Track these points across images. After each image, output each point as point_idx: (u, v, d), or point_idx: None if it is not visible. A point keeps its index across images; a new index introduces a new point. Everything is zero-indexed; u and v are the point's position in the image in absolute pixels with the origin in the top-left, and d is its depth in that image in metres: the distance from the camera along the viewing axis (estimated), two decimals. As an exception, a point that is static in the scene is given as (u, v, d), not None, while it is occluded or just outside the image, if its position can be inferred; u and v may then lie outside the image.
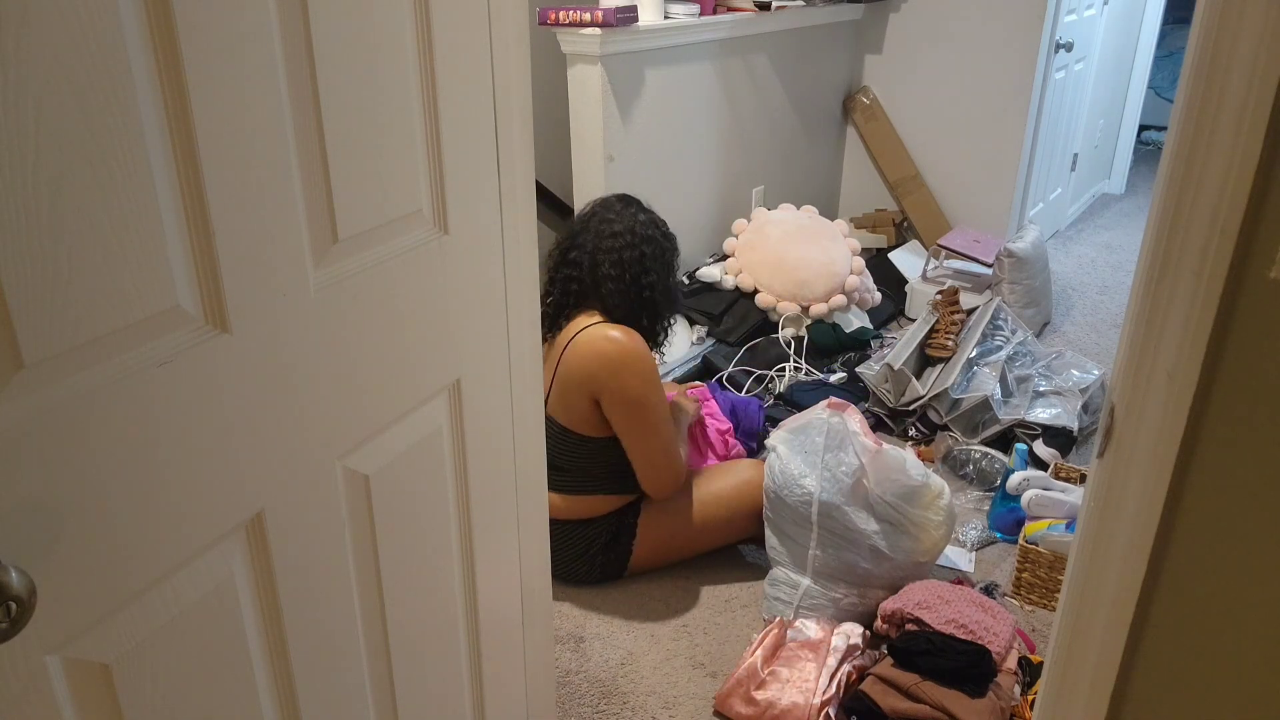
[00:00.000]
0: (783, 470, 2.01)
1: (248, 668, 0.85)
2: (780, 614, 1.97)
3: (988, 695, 1.64)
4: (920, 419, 2.76)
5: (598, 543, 2.09)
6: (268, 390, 0.81)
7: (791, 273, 3.22)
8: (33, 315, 0.62)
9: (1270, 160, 0.70)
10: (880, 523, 1.93)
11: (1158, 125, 6.56)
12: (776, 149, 3.82)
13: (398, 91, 0.91)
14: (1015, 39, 3.76)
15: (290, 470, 0.86)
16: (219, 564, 0.80)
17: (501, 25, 1.05)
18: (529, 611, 1.33)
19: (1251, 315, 0.75)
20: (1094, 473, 0.99)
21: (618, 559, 2.11)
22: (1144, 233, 0.90)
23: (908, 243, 4.11)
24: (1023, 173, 3.98)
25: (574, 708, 1.80)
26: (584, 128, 2.86)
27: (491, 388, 1.15)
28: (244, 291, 0.77)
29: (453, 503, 1.12)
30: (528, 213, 1.16)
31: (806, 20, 3.68)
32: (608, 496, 2.08)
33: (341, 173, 0.86)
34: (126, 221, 0.67)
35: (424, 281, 1.00)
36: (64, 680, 0.68)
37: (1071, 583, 1.02)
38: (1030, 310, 3.47)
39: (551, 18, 2.70)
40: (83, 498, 0.67)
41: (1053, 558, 2.05)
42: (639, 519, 2.11)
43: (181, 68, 0.69)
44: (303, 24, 0.79)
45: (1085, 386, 2.82)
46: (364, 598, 0.99)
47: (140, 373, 0.70)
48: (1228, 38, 0.73)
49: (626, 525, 2.10)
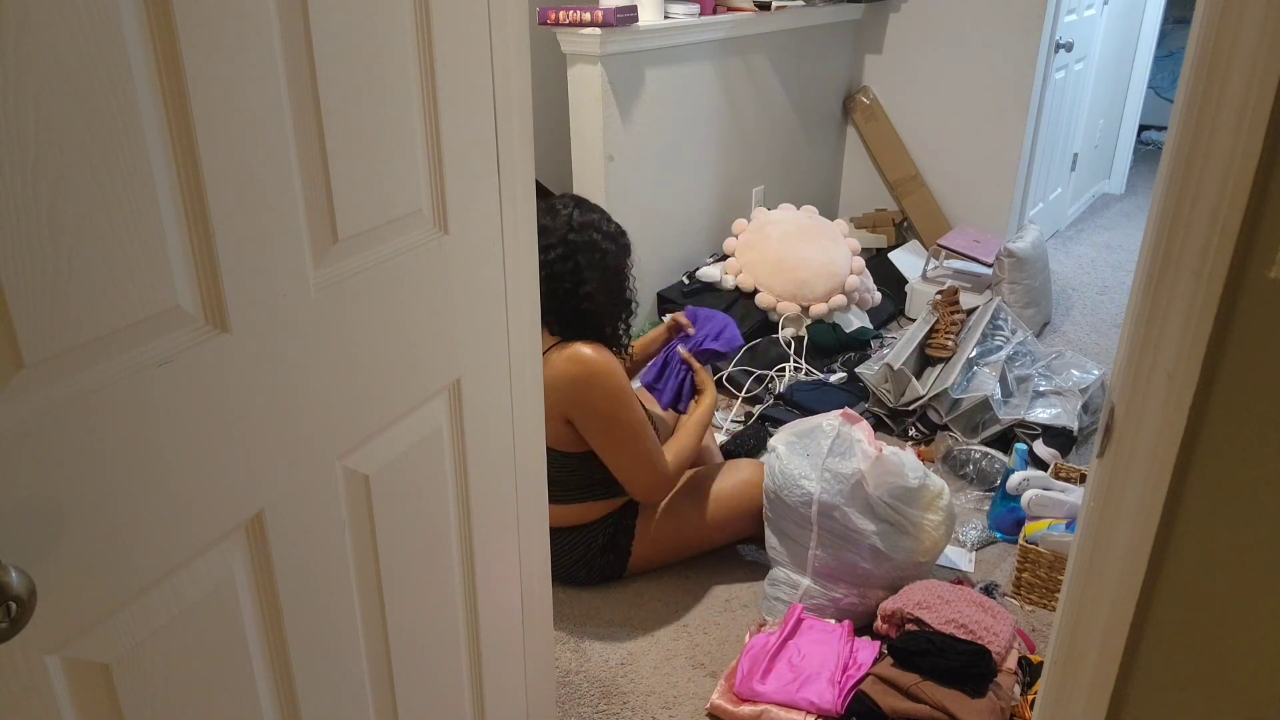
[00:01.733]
0: (783, 471, 2.01)
1: (248, 668, 0.85)
2: (780, 614, 1.97)
3: (988, 695, 1.64)
4: (920, 419, 2.76)
5: (595, 545, 2.09)
6: (268, 390, 0.81)
7: (791, 273, 3.22)
8: (33, 315, 0.62)
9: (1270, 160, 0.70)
10: (880, 523, 1.93)
11: (1158, 125, 6.56)
12: (776, 149, 3.82)
13: (398, 91, 0.91)
14: (1015, 39, 3.76)
15: (290, 470, 0.86)
16: (219, 564, 0.80)
17: (501, 25, 1.05)
18: (529, 611, 1.33)
19: (1251, 315, 0.75)
20: (1094, 473, 0.99)
21: (617, 560, 2.11)
22: (1144, 233, 0.90)
23: (908, 243, 4.11)
24: (1023, 173, 3.98)
25: (574, 708, 1.80)
26: (584, 128, 2.86)
27: (491, 388, 1.16)
28: (244, 291, 0.77)
29: (453, 503, 1.12)
30: (528, 213, 1.17)
31: (806, 20, 3.68)
32: (597, 503, 2.07)
33: (341, 173, 0.86)
34: (126, 221, 0.67)
35: (424, 281, 1.00)
36: (64, 680, 0.68)
37: (1071, 583, 1.02)
38: (1030, 310, 3.47)
39: (551, 18, 2.70)
40: (83, 498, 0.67)
41: (1053, 558, 2.05)
42: (636, 520, 2.10)
43: (181, 68, 0.69)
44: (303, 24, 0.79)
45: (1085, 386, 2.82)
46: (364, 598, 0.99)
47: (140, 373, 0.70)
48: (1228, 38, 0.73)
49: (624, 527, 2.10)
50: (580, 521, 2.08)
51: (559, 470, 2.01)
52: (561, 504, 2.05)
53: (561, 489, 2.04)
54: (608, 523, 2.09)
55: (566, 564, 2.09)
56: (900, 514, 1.93)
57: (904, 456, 1.97)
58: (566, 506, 2.06)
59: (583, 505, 2.06)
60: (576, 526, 2.08)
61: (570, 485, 2.04)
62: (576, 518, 2.08)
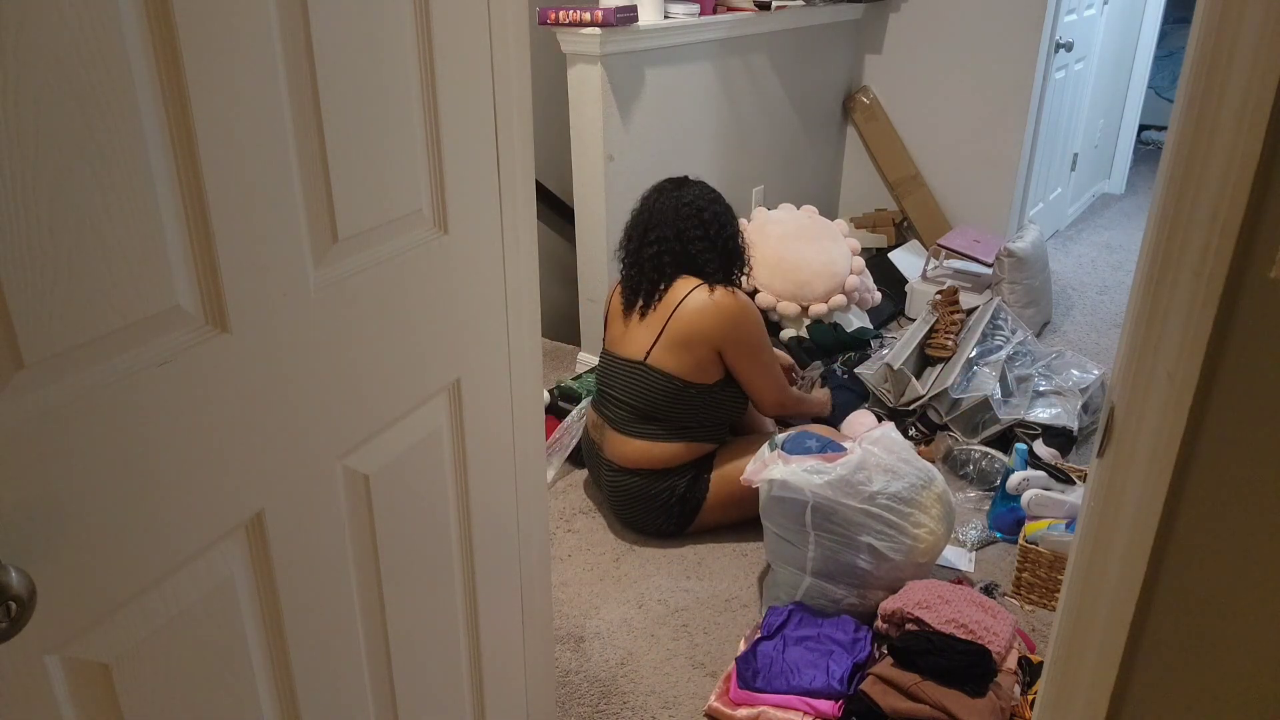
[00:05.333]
0: (782, 470, 2.01)
1: (248, 668, 0.85)
2: (781, 615, 1.96)
3: (988, 695, 1.64)
4: (920, 419, 2.76)
5: (675, 494, 2.28)
6: (268, 390, 0.81)
7: (791, 273, 3.22)
8: (33, 315, 0.62)
9: (1270, 160, 0.70)
10: (879, 523, 1.93)
11: (1158, 125, 6.56)
12: (776, 149, 3.82)
13: (398, 91, 0.91)
14: (1015, 39, 3.76)
15: (290, 470, 0.86)
16: (219, 564, 0.80)
17: (501, 25, 1.05)
18: (529, 611, 1.33)
19: (1251, 315, 0.75)
20: (1094, 473, 0.99)
21: (689, 511, 2.31)
22: (1144, 233, 0.90)
23: (908, 243, 4.11)
24: (1023, 172, 3.98)
25: (574, 708, 1.80)
26: (584, 128, 2.86)
27: (491, 387, 1.16)
28: (244, 291, 0.77)
29: (452, 502, 1.12)
30: (528, 213, 1.16)
31: (806, 20, 3.68)
32: (691, 444, 2.29)
33: (341, 173, 0.86)
34: (126, 222, 0.67)
35: (424, 281, 1.00)
36: (64, 680, 0.68)
37: (1071, 583, 1.02)
38: (1030, 310, 3.47)
39: (551, 18, 2.70)
40: (83, 498, 0.67)
41: (1053, 558, 2.05)
42: (712, 474, 2.31)
43: (181, 68, 0.69)
44: (303, 24, 0.79)
45: (1085, 386, 2.82)
46: (364, 597, 0.99)
47: (140, 373, 0.70)
48: (1228, 38, 0.73)
49: (701, 480, 2.30)
50: (671, 464, 2.28)
51: (672, 403, 2.26)
52: (659, 440, 2.28)
53: (663, 426, 2.28)
54: (689, 470, 2.30)
55: (648, 510, 2.30)
56: (900, 514, 1.93)
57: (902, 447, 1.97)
58: (667, 445, 2.28)
59: (681, 444, 2.28)
60: (664, 470, 2.28)
61: (681, 421, 2.28)
62: (670, 458, 2.28)
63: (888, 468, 1.94)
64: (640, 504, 2.31)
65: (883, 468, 1.94)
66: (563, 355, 3.36)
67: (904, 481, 1.93)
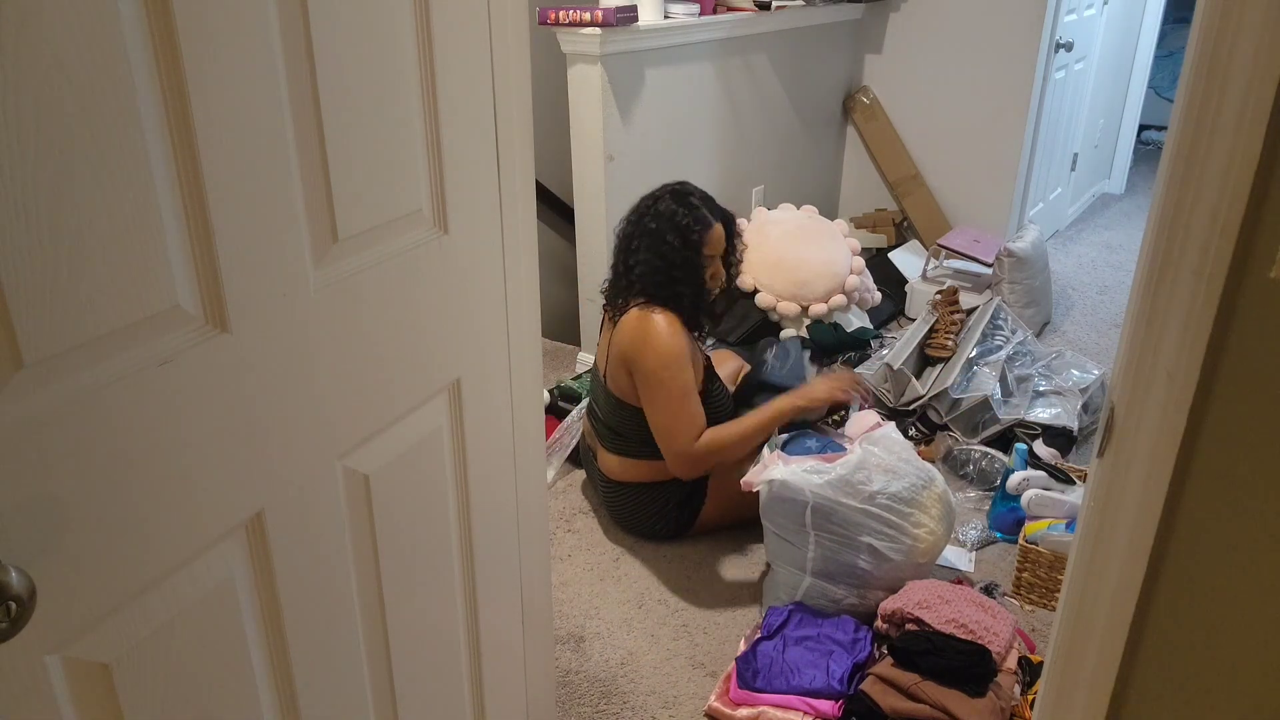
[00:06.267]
0: (781, 471, 2.01)
1: (248, 668, 0.85)
2: (781, 615, 1.96)
3: (988, 695, 1.64)
4: (920, 419, 2.76)
5: (672, 501, 2.24)
6: (267, 390, 0.81)
7: (791, 273, 3.22)
8: (33, 315, 0.62)
9: (1270, 160, 0.70)
10: (879, 523, 1.93)
11: (1158, 125, 6.56)
12: (776, 149, 3.82)
13: (398, 91, 0.91)
14: (1015, 39, 3.75)
15: (290, 470, 0.86)
16: (219, 564, 0.80)
17: (501, 25, 1.05)
18: (529, 611, 1.33)
19: (1251, 315, 0.75)
20: (1094, 473, 0.99)
21: (687, 517, 2.27)
22: (1144, 233, 0.90)
23: (908, 243, 4.11)
24: (1022, 172, 3.98)
25: (574, 708, 1.80)
26: (584, 128, 2.86)
27: (491, 388, 1.15)
28: (244, 291, 0.77)
29: (452, 502, 1.12)
30: (528, 213, 1.16)
31: (806, 20, 3.68)
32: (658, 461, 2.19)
33: (341, 173, 0.86)
34: (126, 221, 0.67)
35: (424, 281, 1.00)
36: (64, 680, 0.68)
37: (1071, 583, 1.02)
38: (1030, 310, 3.47)
39: (551, 18, 2.70)
40: (83, 497, 0.67)
41: (1053, 558, 2.05)
42: (710, 480, 2.25)
43: (181, 68, 0.69)
44: (303, 24, 0.79)
45: (1085, 386, 2.82)
46: (364, 597, 0.99)
47: (140, 372, 0.70)
48: (1228, 38, 0.73)
49: (699, 485, 2.24)
50: (659, 478, 2.22)
51: (626, 423, 2.21)
52: (631, 457, 2.23)
53: (628, 443, 2.22)
54: (684, 483, 2.22)
55: (644, 519, 2.26)
56: (900, 514, 1.93)
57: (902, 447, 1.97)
58: (637, 462, 2.23)
59: (652, 463, 2.20)
60: (652, 484, 2.23)
61: (635, 439, 2.21)
62: (655, 473, 2.22)
63: (888, 468, 1.94)
64: (636, 513, 2.28)
65: (883, 468, 1.94)
66: (563, 355, 3.36)
67: (904, 481, 1.93)
